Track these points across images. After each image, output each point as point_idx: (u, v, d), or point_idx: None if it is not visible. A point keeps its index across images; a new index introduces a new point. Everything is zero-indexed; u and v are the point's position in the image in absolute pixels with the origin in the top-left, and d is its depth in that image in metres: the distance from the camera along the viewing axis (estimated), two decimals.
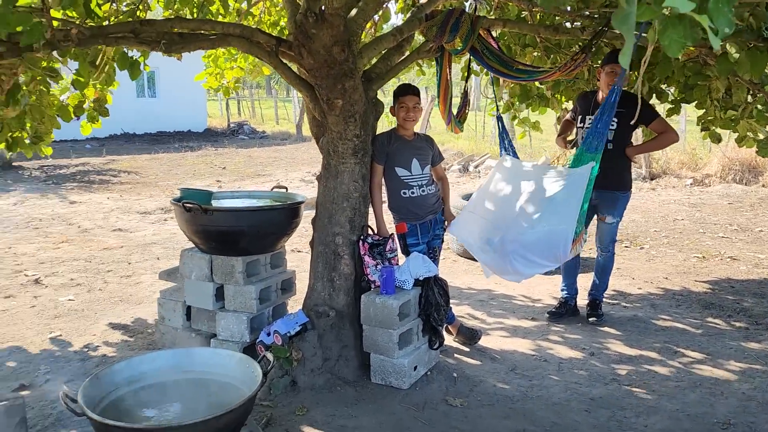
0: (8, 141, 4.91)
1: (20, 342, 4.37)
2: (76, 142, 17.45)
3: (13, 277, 5.88)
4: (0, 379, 3.81)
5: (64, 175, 12.55)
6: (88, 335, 4.48)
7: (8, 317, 4.85)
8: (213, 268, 3.84)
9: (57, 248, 6.97)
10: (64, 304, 5.13)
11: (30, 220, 8.52)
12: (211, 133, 21.97)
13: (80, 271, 6.08)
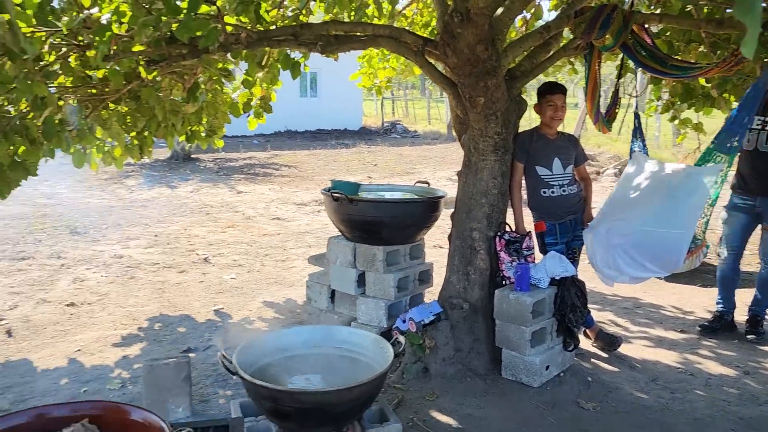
0: (188, 134, 5.54)
1: (189, 311, 4.95)
2: (245, 137, 19.02)
3: (187, 255, 6.63)
4: (171, 341, 4.35)
5: (233, 167, 13.76)
6: (246, 310, 4.96)
7: (181, 290, 5.50)
8: (356, 255, 4.08)
9: (224, 232, 7.72)
10: (227, 282, 5.70)
11: (203, 206, 9.49)
12: (366, 132, 22.85)
13: (242, 253, 6.70)
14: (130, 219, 8.49)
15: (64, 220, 8.32)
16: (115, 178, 11.96)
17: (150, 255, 6.61)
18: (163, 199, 10.09)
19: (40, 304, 5.08)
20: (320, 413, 2.62)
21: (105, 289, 5.48)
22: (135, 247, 6.93)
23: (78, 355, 4.13)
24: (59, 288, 5.50)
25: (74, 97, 4.40)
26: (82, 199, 10.06)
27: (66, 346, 4.28)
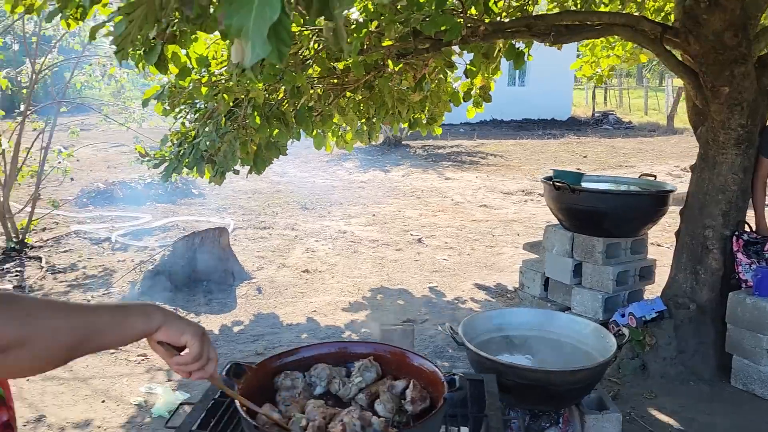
0: (410, 121, 5.92)
1: (406, 286, 5.33)
2: (451, 126, 19.45)
3: (402, 234, 7.08)
4: (392, 311, 4.75)
5: (441, 154, 14.21)
6: (458, 290, 5.21)
7: (398, 266, 5.92)
8: (574, 245, 4.09)
9: (434, 216, 8.09)
10: (440, 262, 6.02)
11: (414, 190, 9.99)
12: (575, 122, 22.05)
13: (452, 237, 6.99)
14: (350, 198, 9.25)
15: (294, 197, 9.33)
16: (335, 161, 13.03)
17: (369, 232, 7.18)
18: (378, 182, 10.79)
19: (281, 268, 5.82)
20: (541, 391, 2.74)
21: (333, 260, 6.10)
22: (356, 225, 7.56)
23: (314, 315, 4.69)
24: (295, 256, 6.24)
25: (321, 86, 4.95)
26: (308, 178, 11.16)
27: (304, 306, 4.88)
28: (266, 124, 4.70)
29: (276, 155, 5.04)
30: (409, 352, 1.55)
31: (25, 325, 0.87)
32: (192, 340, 1.08)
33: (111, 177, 10.09)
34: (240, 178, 10.12)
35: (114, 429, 3.22)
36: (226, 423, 1.54)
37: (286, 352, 1.55)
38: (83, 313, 0.95)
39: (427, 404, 1.40)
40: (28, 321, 0.88)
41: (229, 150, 4.60)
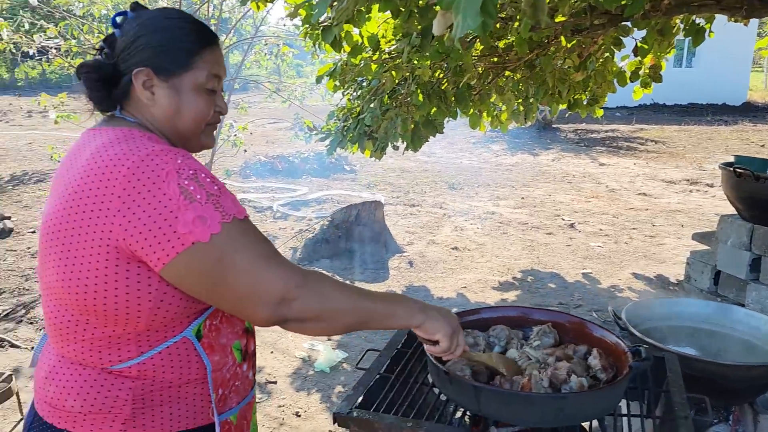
0: (570, 101, 5.74)
1: (558, 270, 5.23)
2: (606, 109, 18.49)
3: (552, 218, 6.93)
4: (543, 294, 4.69)
5: (594, 139, 13.60)
6: (615, 278, 5.02)
7: (549, 250, 5.82)
8: (753, 237, 3.78)
9: (587, 202, 7.81)
10: (594, 249, 5.82)
11: (565, 175, 9.69)
12: (751, 108, 20.03)
13: (608, 224, 6.71)
14: (497, 180, 9.17)
15: (442, 177, 9.43)
16: (481, 143, 12.95)
17: (518, 215, 7.09)
18: (526, 165, 10.59)
19: (431, 245, 5.95)
20: (711, 385, 2.60)
21: (481, 239, 6.12)
22: (504, 206, 7.51)
23: (464, 291, 4.76)
24: (443, 233, 6.34)
25: (481, 65, 4.96)
26: (454, 159, 11.21)
27: (453, 281, 4.97)
28: (427, 101, 4.81)
29: (433, 133, 5.14)
30: (588, 322, 1.56)
31: (323, 306, 1.06)
32: (443, 339, 1.24)
33: (271, 151, 10.80)
34: (389, 156, 10.40)
35: (282, 377, 3.52)
36: (410, 370, 1.65)
37: (468, 311, 1.62)
38: (365, 301, 1.13)
39: (615, 373, 1.41)
40: (327, 303, 1.07)
41: (390, 126, 4.77)
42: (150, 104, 1.14)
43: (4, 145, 11.44)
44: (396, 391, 1.54)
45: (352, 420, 1.42)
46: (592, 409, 1.32)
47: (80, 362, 1.09)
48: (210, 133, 1.24)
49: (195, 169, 1.03)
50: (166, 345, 1.08)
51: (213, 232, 1.00)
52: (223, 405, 1.16)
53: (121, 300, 1.03)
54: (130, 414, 1.07)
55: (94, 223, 1.00)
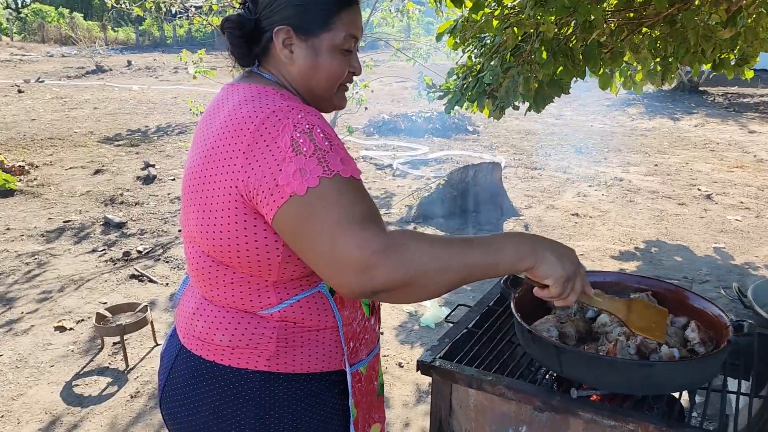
0: (715, 61, 5.25)
1: (687, 243, 4.91)
2: (764, 71, 16.72)
3: (687, 188, 6.46)
4: (667, 267, 4.43)
5: (747, 104, 12.38)
6: (751, 255, 4.63)
7: (679, 221, 5.46)
8: None
9: (730, 172, 7.19)
10: (730, 222, 5.38)
11: (707, 142, 8.94)
12: None
13: (750, 196, 6.16)
14: (630, 146, 8.66)
15: (569, 140, 9.05)
16: (617, 106, 12.22)
17: (649, 183, 6.69)
18: (664, 130, 9.89)
19: (549, 209, 5.79)
20: None
21: (605, 206, 5.85)
22: (634, 173, 7.10)
23: (581, 258, 4.58)
24: (564, 198, 6.13)
25: (614, 21, 4.67)
26: (585, 122, 10.69)
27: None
28: (552, 60, 4.61)
29: (558, 93, 4.93)
30: (690, 293, 1.48)
31: (412, 271, 0.96)
32: (554, 284, 1.08)
33: (395, 110, 10.89)
34: (514, 117, 10.13)
35: (388, 329, 3.64)
36: (499, 327, 1.66)
37: None
38: (461, 255, 1.00)
39: (714, 347, 1.33)
40: (416, 267, 0.96)
41: (512, 85, 4.64)
42: (288, 62, 1.16)
43: (153, 98, 12.45)
44: (481, 346, 1.56)
45: (434, 369, 1.47)
46: (681, 380, 1.27)
47: (224, 304, 1.17)
48: (342, 94, 1.24)
49: (313, 124, 1.03)
50: (304, 295, 1.14)
51: (310, 186, 0.97)
52: (354, 357, 1.22)
53: (252, 252, 1.07)
54: (275, 351, 1.14)
55: (225, 178, 1.05)
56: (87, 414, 2.85)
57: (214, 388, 1.17)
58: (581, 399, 1.33)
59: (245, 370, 1.15)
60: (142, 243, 4.89)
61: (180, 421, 1.22)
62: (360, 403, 1.24)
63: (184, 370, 1.21)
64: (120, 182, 6.57)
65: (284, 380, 1.16)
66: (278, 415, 1.16)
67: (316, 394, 1.19)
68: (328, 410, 1.21)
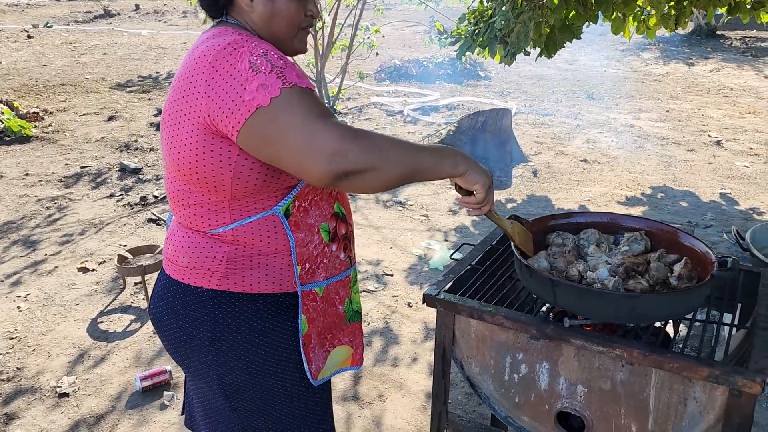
0: (731, 5, 5.17)
1: (693, 188, 4.96)
2: None
3: (698, 135, 6.46)
4: (672, 212, 4.51)
5: (765, 48, 12.13)
6: (756, 200, 4.69)
7: (687, 167, 5.49)
8: None
9: (742, 118, 7.15)
10: (738, 168, 5.41)
11: (721, 87, 8.84)
12: None
13: (761, 142, 6.15)
14: (642, 91, 8.59)
15: (581, 86, 8.98)
16: (632, 51, 12.03)
17: (659, 129, 6.68)
18: (678, 76, 9.76)
19: (559, 155, 5.83)
20: None
21: (614, 152, 5.89)
22: (645, 120, 7.08)
23: (586, 203, 4.69)
24: (574, 144, 6.16)
25: None
26: (598, 67, 10.56)
27: (577, 194, 4.89)
28: (564, 4, 4.58)
29: (569, 38, 4.91)
30: (681, 231, 1.56)
31: (377, 156, 1.12)
32: (480, 189, 1.29)
33: (406, 55, 10.79)
34: (527, 63, 10.02)
35: (398, 271, 3.78)
36: (500, 264, 1.77)
37: (562, 214, 1.68)
38: (415, 152, 1.18)
39: (693, 284, 1.43)
40: (380, 153, 1.12)
41: (523, 30, 4.62)
42: (249, 10, 1.27)
43: (163, 44, 12.39)
44: (483, 281, 1.67)
45: (438, 301, 1.58)
46: (665, 311, 1.37)
47: (187, 226, 1.32)
48: (303, 37, 1.34)
49: (266, 49, 1.16)
50: (257, 217, 1.27)
51: (273, 96, 1.10)
52: (311, 277, 1.34)
53: (207, 169, 1.21)
54: (224, 272, 1.28)
55: (189, 106, 1.19)
56: (113, 348, 3.03)
57: (178, 303, 1.33)
58: (573, 328, 1.45)
59: (200, 288, 1.30)
60: (158, 188, 5.01)
61: (163, 336, 1.41)
62: (314, 320, 1.37)
63: (160, 289, 1.40)
64: (134, 128, 6.65)
65: (236, 299, 1.29)
66: (232, 332, 1.30)
67: (271, 314, 1.32)
68: (283, 328, 1.34)
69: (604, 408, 1.44)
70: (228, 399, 1.35)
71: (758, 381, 1.21)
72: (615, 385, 1.41)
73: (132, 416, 2.57)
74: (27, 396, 2.68)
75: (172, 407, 2.62)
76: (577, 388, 1.46)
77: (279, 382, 1.36)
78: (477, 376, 1.63)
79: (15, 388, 2.73)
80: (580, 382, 1.46)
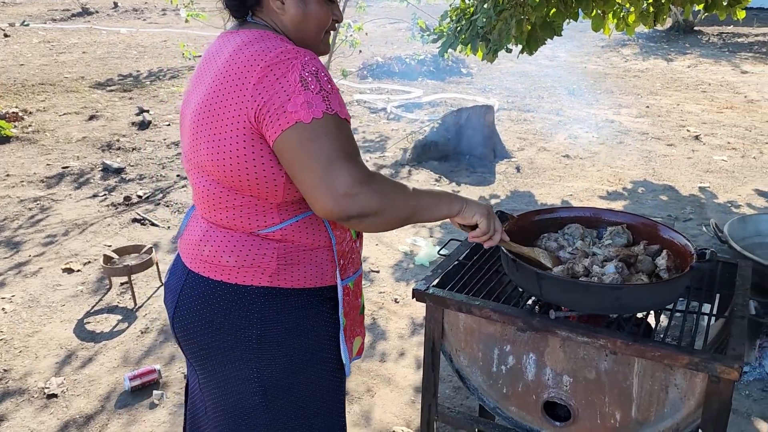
0: (707, 2, 5.26)
1: (673, 183, 5.05)
2: (761, 10, 16.51)
3: (676, 129, 6.56)
4: (652, 206, 4.59)
5: (741, 43, 12.32)
6: (734, 194, 4.78)
7: (667, 161, 5.59)
8: None
9: (720, 113, 7.27)
10: (716, 162, 5.52)
11: (699, 83, 8.98)
12: None
13: (738, 137, 6.27)
14: (622, 87, 8.70)
15: (563, 82, 9.07)
16: (611, 47, 12.16)
17: (639, 124, 6.78)
18: (657, 71, 9.89)
19: (541, 151, 5.89)
20: None
21: (596, 148, 5.96)
22: (626, 115, 7.18)
23: (569, 198, 4.76)
24: (556, 140, 6.23)
25: None
26: (579, 64, 10.66)
27: (560, 189, 4.96)
28: (544, 2, 4.63)
29: (550, 36, 4.96)
30: (660, 225, 1.61)
31: (383, 202, 1.17)
32: (480, 219, 1.37)
33: (389, 52, 10.81)
34: (509, 60, 10.09)
35: (384, 267, 3.81)
36: (487, 258, 1.80)
37: (546, 209, 1.73)
38: (415, 196, 1.26)
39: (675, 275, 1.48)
40: (385, 199, 1.18)
41: (505, 28, 4.67)
42: (280, 12, 1.29)
43: (143, 42, 12.28)
44: (471, 276, 1.71)
45: (427, 296, 1.61)
46: (647, 302, 1.42)
47: (230, 227, 1.31)
48: (327, 40, 1.38)
49: (318, 67, 1.18)
50: (303, 216, 1.30)
51: (315, 116, 1.13)
52: (344, 273, 1.39)
53: (260, 174, 1.22)
54: (276, 269, 1.30)
55: (235, 108, 1.19)
56: (101, 348, 3.03)
57: (223, 303, 1.32)
58: (559, 319, 1.49)
59: (250, 287, 1.30)
60: (141, 188, 4.99)
61: (194, 339, 1.37)
62: (348, 314, 1.42)
63: (193, 291, 1.35)
64: (115, 128, 6.61)
65: (284, 294, 1.32)
66: (278, 324, 1.32)
67: (310, 306, 1.35)
68: (321, 321, 1.38)
69: (590, 397, 1.49)
70: (264, 396, 1.36)
71: (736, 367, 1.26)
72: (599, 374, 1.46)
73: (122, 416, 2.58)
74: (15, 398, 2.68)
75: (161, 406, 2.63)
76: (563, 378, 1.51)
77: (314, 375, 1.40)
78: (466, 369, 1.67)
79: (3, 390, 2.72)
80: (565, 372, 1.50)
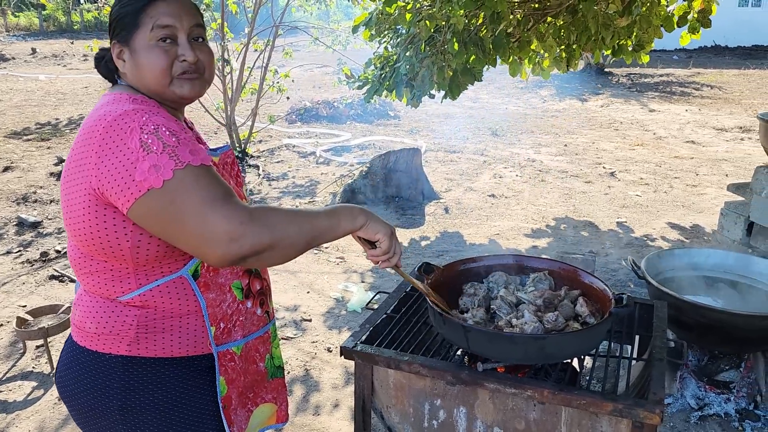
0: (614, 48, 5.61)
1: (593, 218, 5.27)
2: (663, 52, 17.75)
3: (593, 167, 6.88)
4: (574, 242, 4.76)
5: (648, 83, 13.16)
6: (649, 228, 5.03)
7: (586, 198, 5.83)
8: None
9: (632, 150, 7.69)
10: (631, 198, 5.81)
11: (612, 121, 9.50)
12: None
13: (649, 172, 6.63)
14: (541, 127, 9.08)
15: (486, 123, 9.38)
16: (530, 88, 12.71)
17: (559, 162, 7.07)
18: (573, 111, 10.40)
19: (468, 191, 6.04)
20: (723, 334, 2.68)
21: (519, 187, 6.16)
22: (546, 154, 7.47)
23: (496, 238, 4.87)
24: (482, 180, 6.40)
25: (520, 11, 4.90)
26: (500, 105, 11.08)
27: (487, 228, 5.08)
28: (464, 50, 4.80)
29: (471, 81, 5.14)
30: (580, 270, 1.67)
31: (273, 235, 1.13)
32: (383, 239, 1.34)
33: (316, 96, 10.90)
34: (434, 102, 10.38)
35: (316, 315, 3.76)
36: (415, 311, 1.81)
37: (470, 258, 1.76)
38: (311, 220, 1.21)
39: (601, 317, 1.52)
40: (275, 232, 1.13)
41: (427, 74, 4.81)
42: (123, 71, 1.29)
43: (63, 88, 11.90)
44: (399, 329, 1.71)
45: (356, 353, 1.60)
46: (570, 349, 1.45)
47: (93, 292, 1.29)
48: (183, 83, 1.28)
49: (158, 124, 1.15)
50: (164, 281, 1.25)
51: (165, 178, 1.10)
52: (227, 337, 1.33)
53: (104, 239, 1.20)
54: (134, 337, 1.25)
55: (81, 175, 1.18)
56: (13, 420, 2.82)
57: (87, 370, 1.29)
58: (487, 372, 1.50)
59: (109, 355, 1.27)
60: (60, 242, 4.76)
61: (68, 404, 1.34)
62: (233, 381, 1.35)
63: (67, 356, 1.35)
64: (32, 179, 6.31)
65: (148, 364, 1.27)
66: (143, 398, 1.26)
67: (185, 378, 1.29)
68: (201, 393, 1.31)
69: None
70: None
71: (657, 412, 1.30)
72: (529, 425, 1.47)
73: None
74: None
75: None
76: (494, 430, 1.51)
77: None
78: (397, 425, 1.65)
79: None
80: (496, 424, 1.51)
